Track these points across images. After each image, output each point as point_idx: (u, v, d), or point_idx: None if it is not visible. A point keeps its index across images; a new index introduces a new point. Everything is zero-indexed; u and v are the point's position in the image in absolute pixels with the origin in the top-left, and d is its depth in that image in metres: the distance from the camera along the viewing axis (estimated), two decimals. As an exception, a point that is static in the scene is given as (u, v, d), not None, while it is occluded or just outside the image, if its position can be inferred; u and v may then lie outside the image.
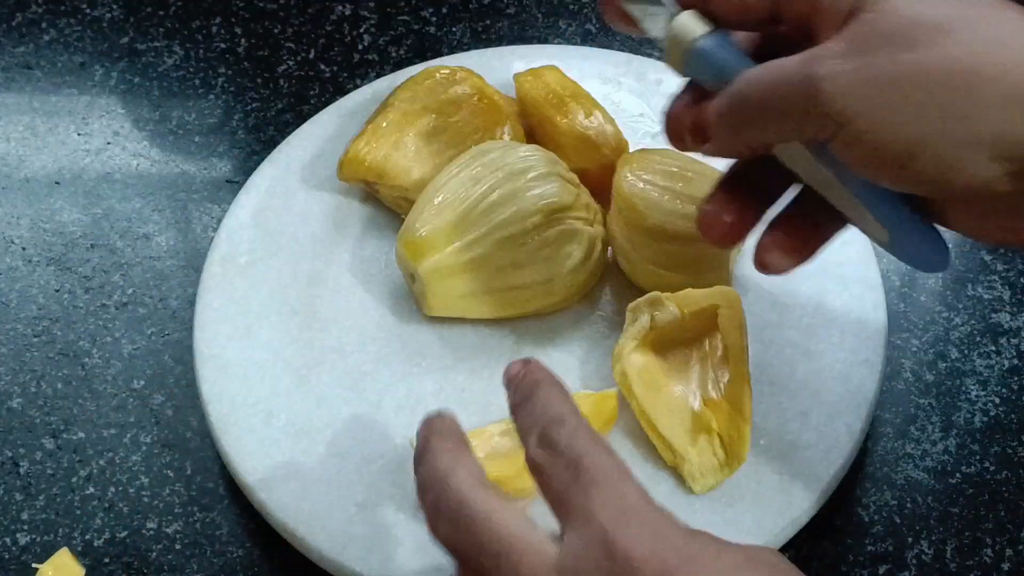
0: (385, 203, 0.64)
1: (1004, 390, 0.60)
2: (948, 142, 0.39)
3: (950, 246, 0.46)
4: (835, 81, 0.40)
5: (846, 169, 0.42)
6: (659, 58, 0.72)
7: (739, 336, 0.55)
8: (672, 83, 0.68)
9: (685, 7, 0.46)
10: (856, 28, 0.41)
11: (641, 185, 0.58)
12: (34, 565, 0.55)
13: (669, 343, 0.56)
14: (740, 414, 0.54)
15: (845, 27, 0.41)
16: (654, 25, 0.47)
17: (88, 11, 0.78)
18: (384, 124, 0.63)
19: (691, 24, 0.45)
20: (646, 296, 0.55)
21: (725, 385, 0.55)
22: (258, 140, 0.71)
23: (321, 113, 0.68)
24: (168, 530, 0.57)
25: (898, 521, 0.56)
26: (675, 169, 0.59)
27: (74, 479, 0.58)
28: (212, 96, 0.73)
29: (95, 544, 0.56)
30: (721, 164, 0.50)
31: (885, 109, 0.39)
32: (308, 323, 0.60)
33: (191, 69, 0.75)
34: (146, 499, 0.58)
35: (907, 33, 0.39)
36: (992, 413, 0.59)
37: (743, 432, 0.53)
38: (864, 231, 0.47)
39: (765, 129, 0.43)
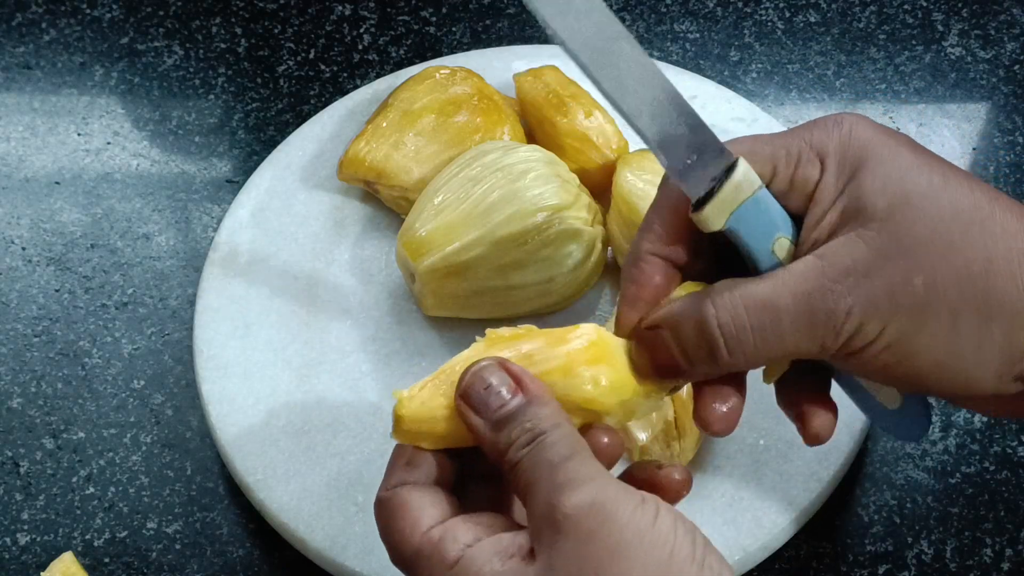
0: (385, 203, 0.64)
1: (1004, 390, 0.60)
2: (963, 363, 0.40)
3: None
4: (854, 311, 0.40)
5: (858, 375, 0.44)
6: (659, 58, 0.72)
7: None
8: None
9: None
10: (859, 245, 0.40)
11: (641, 185, 0.58)
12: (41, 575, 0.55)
13: None
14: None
15: (843, 234, 0.40)
16: (699, 185, 0.43)
17: (88, 11, 0.78)
18: (384, 124, 0.63)
19: (752, 173, 0.42)
20: None
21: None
22: (258, 140, 0.71)
23: (321, 113, 0.68)
24: (168, 530, 0.57)
25: (898, 521, 0.56)
26: (675, 169, 0.59)
27: (74, 479, 0.58)
28: (212, 96, 0.73)
29: (95, 544, 0.56)
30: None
31: (906, 337, 0.40)
32: (308, 323, 0.60)
33: (191, 69, 0.75)
34: (146, 499, 0.58)
35: (913, 252, 0.40)
36: (992, 413, 0.59)
37: (695, 429, 0.53)
38: (859, 404, 0.47)
39: (782, 356, 0.42)
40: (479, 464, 0.41)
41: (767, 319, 0.40)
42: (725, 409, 0.43)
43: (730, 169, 0.42)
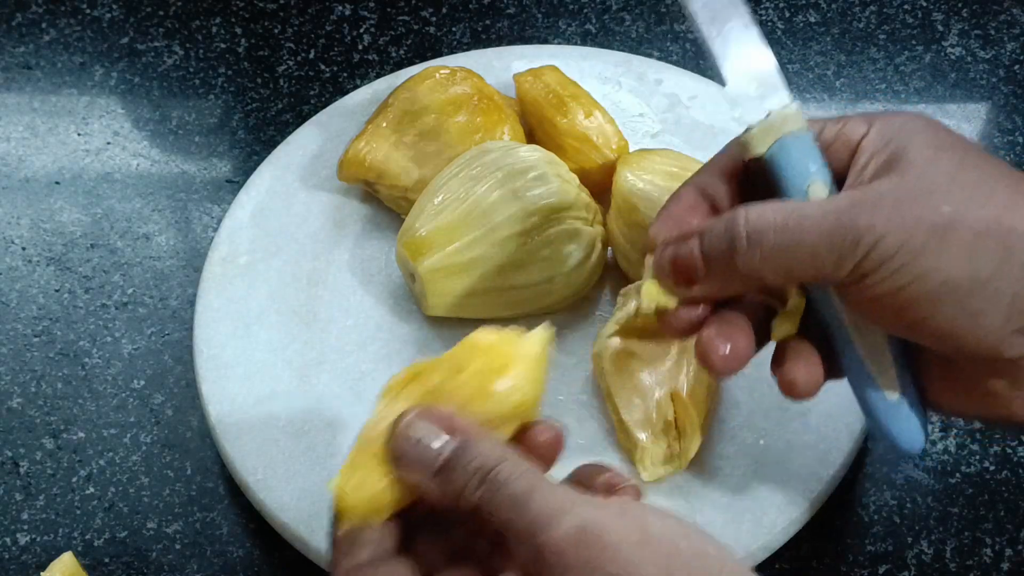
0: (385, 203, 0.64)
1: (1004, 390, 0.60)
2: (973, 294, 0.41)
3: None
4: (876, 226, 0.41)
5: (863, 313, 0.44)
6: (659, 58, 0.72)
7: None
8: (672, 82, 0.69)
9: None
10: (896, 180, 0.42)
11: (641, 185, 0.58)
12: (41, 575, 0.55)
13: (657, 332, 0.56)
14: (696, 411, 0.54)
15: (884, 177, 0.42)
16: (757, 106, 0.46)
17: (88, 11, 0.78)
18: (384, 124, 0.63)
19: (802, 115, 0.45)
20: (637, 283, 0.55)
21: (691, 381, 0.55)
22: (258, 140, 0.71)
23: (321, 113, 0.68)
24: (168, 530, 0.57)
25: (898, 521, 0.56)
26: (675, 169, 0.59)
27: (74, 479, 0.58)
28: (212, 96, 0.73)
29: (95, 544, 0.56)
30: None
31: (922, 254, 0.41)
32: (308, 323, 0.60)
33: (191, 69, 0.75)
34: (146, 499, 0.58)
35: (946, 190, 0.41)
36: (992, 413, 0.59)
37: (695, 426, 0.53)
38: (860, 401, 0.47)
39: (794, 269, 0.43)
40: (422, 521, 0.40)
41: (792, 222, 0.42)
42: (729, 348, 0.44)
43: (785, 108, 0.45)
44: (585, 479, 0.40)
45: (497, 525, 0.37)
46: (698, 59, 0.74)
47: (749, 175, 0.46)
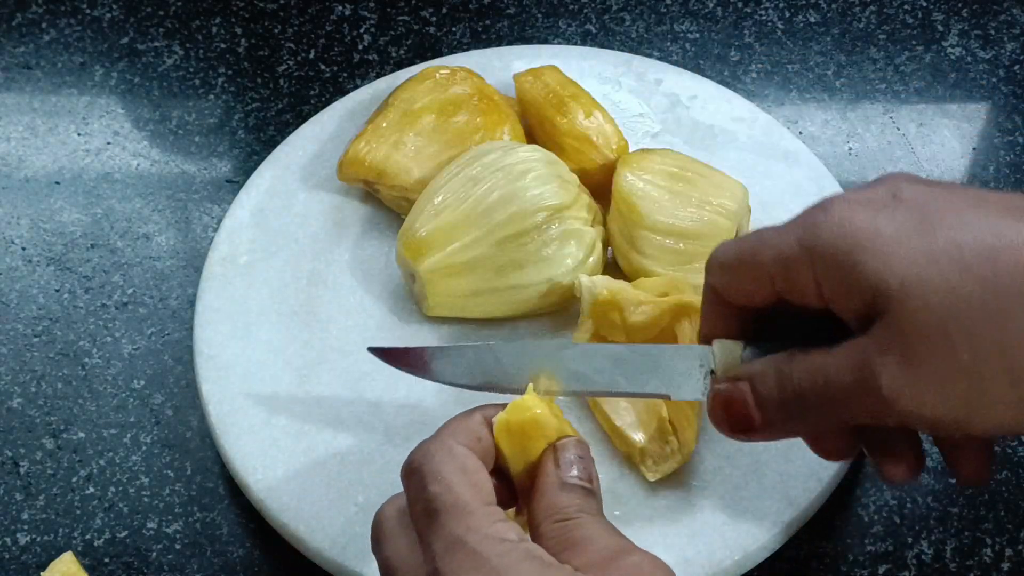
0: (385, 203, 0.64)
1: (1004, 390, 0.60)
2: (993, 423, 0.39)
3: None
4: (893, 380, 0.39)
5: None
6: (659, 58, 0.73)
7: (686, 324, 0.55)
8: (672, 82, 0.69)
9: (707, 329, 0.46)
10: (895, 327, 0.39)
11: (641, 185, 0.58)
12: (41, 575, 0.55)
13: (640, 331, 0.56)
14: (688, 402, 0.54)
15: (880, 322, 0.39)
16: (696, 383, 0.46)
17: (88, 11, 0.78)
18: (384, 124, 0.63)
19: (731, 347, 0.45)
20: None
21: None
22: (258, 140, 0.71)
23: (321, 113, 0.68)
24: (168, 530, 0.57)
25: (898, 521, 0.56)
26: (675, 169, 0.59)
27: (74, 479, 0.58)
28: (212, 96, 0.73)
29: (95, 544, 0.56)
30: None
31: (940, 405, 0.38)
32: (308, 323, 0.60)
33: (191, 69, 0.75)
34: (146, 499, 0.58)
35: (942, 334, 0.38)
36: (992, 413, 0.59)
37: (690, 419, 0.53)
38: None
39: (820, 418, 0.43)
40: None
41: (830, 382, 0.41)
42: (902, 470, 0.44)
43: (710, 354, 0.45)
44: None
45: (578, 539, 0.41)
46: (698, 59, 0.74)
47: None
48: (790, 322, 0.43)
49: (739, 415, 0.43)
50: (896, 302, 0.38)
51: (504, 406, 0.44)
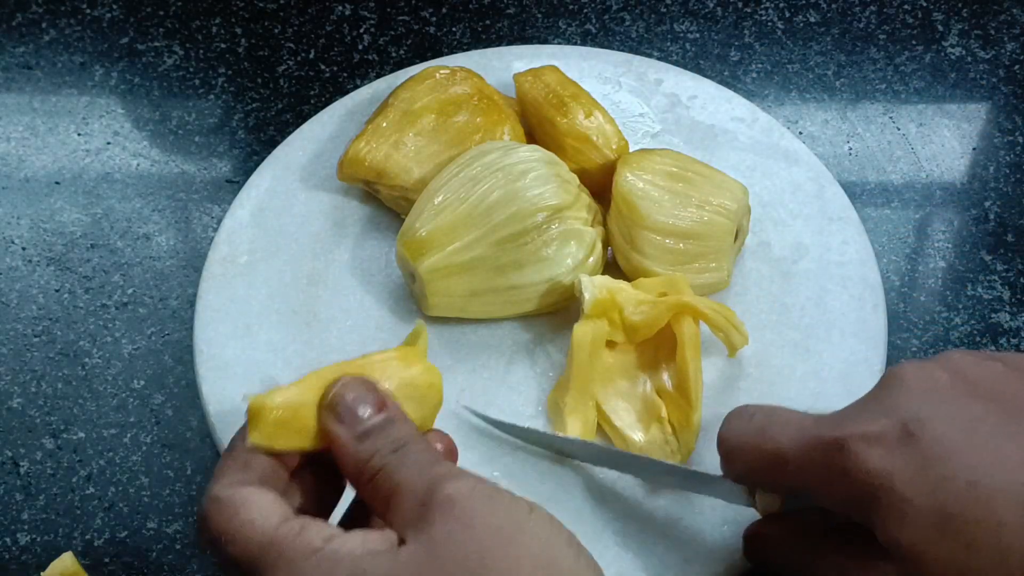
0: (385, 203, 0.64)
1: (1004, 390, 0.60)
2: None
3: (950, 246, 0.46)
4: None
5: None
6: (659, 58, 0.73)
7: (686, 323, 0.55)
8: (672, 82, 0.69)
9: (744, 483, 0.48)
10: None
11: (641, 185, 0.58)
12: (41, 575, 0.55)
13: (639, 330, 0.56)
14: (687, 402, 0.54)
15: (896, 568, 0.40)
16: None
17: (88, 11, 0.78)
18: (384, 124, 0.63)
19: (770, 500, 0.48)
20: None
21: (674, 375, 0.55)
22: (258, 140, 0.71)
23: (321, 113, 0.68)
24: (168, 530, 0.57)
25: (898, 521, 0.56)
26: (675, 169, 0.59)
27: (74, 479, 0.58)
28: (212, 96, 0.73)
29: (95, 544, 0.56)
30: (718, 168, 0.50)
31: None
32: (308, 323, 0.60)
33: (191, 69, 0.75)
34: (146, 499, 0.58)
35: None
36: (992, 413, 0.59)
37: (690, 419, 0.54)
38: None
39: None
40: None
41: None
42: None
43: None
44: None
45: (389, 488, 0.40)
46: (698, 59, 0.74)
47: None
48: None
49: (762, 558, 0.48)
50: (911, 563, 0.39)
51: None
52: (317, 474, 0.44)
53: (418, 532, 0.38)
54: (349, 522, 0.44)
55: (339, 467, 0.42)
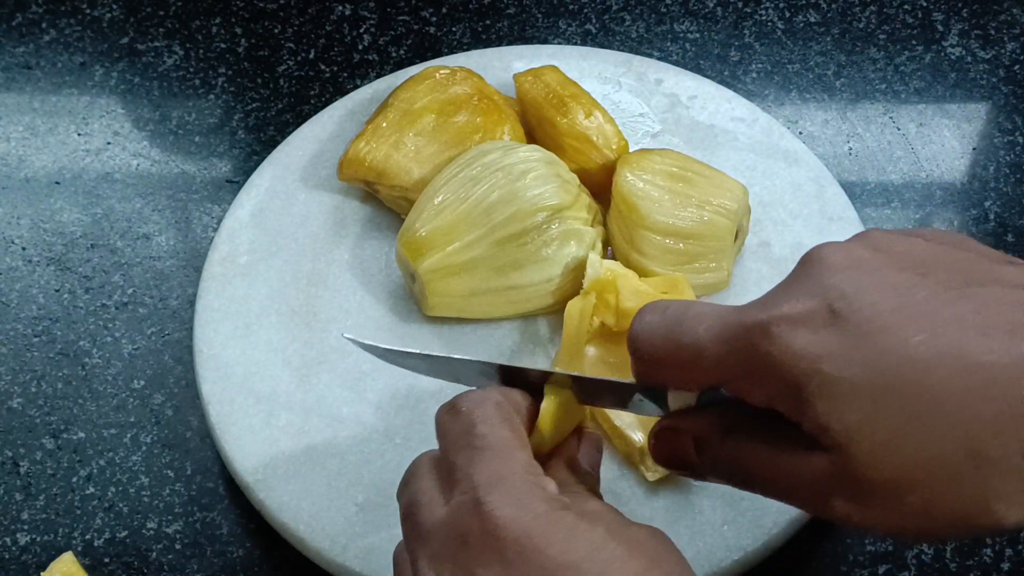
0: (385, 203, 0.64)
1: (1004, 390, 0.60)
2: (947, 539, 0.38)
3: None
4: (845, 509, 0.38)
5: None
6: (659, 58, 0.73)
7: None
8: (672, 82, 0.69)
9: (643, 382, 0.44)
10: (844, 469, 0.37)
11: (641, 185, 0.58)
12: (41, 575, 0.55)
13: (630, 316, 0.56)
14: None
15: (831, 456, 0.38)
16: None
17: (88, 11, 0.78)
18: (384, 124, 0.63)
19: (685, 396, 0.44)
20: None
21: None
22: (258, 140, 0.71)
23: (321, 113, 0.68)
24: (168, 530, 0.57)
25: (898, 521, 0.56)
26: (675, 169, 0.59)
27: (74, 479, 0.58)
28: (212, 96, 0.73)
29: (95, 544, 0.56)
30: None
31: (893, 530, 0.37)
32: (308, 323, 0.60)
33: (191, 69, 0.75)
34: (146, 499, 0.58)
35: (889, 484, 0.37)
36: (992, 413, 0.59)
37: None
38: None
39: (761, 492, 0.43)
40: None
41: (780, 482, 0.41)
42: None
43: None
44: None
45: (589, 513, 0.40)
46: (698, 59, 0.74)
47: None
48: None
49: (678, 458, 0.44)
50: (843, 448, 0.37)
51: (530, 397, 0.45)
52: None
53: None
54: None
55: (552, 464, 0.44)
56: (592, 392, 0.46)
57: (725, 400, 0.42)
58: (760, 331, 0.38)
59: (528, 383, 0.45)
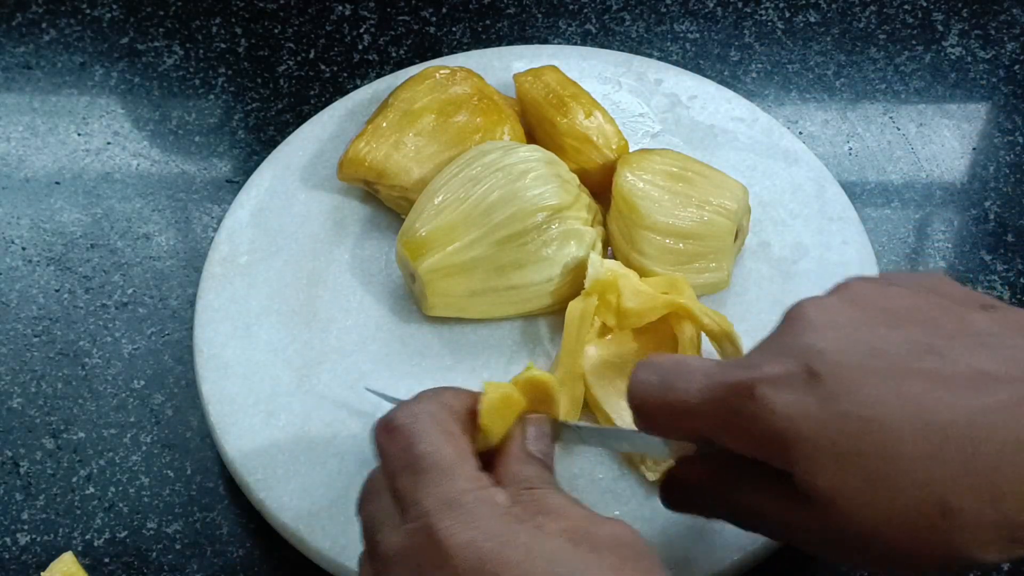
0: (385, 203, 0.64)
1: (1004, 390, 0.60)
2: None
3: (950, 246, 0.46)
4: (828, 554, 0.41)
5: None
6: (659, 58, 0.73)
7: (686, 325, 0.55)
8: (672, 82, 0.69)
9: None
10: (825, 525, 0.40)
11: (641, 185, 0.58)
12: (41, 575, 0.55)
13: (631, 317, 0.56)
14: None
15: (813, 511, 0.40)
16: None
17: (88, 11, 0.78)
18: (384, 124, 0.63)
19: (684, 446, 0.46)
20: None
21: None
22: (258, 140, 0.71)
23: (321, 113, 0.68)
24: (168, 530, 0.57)
25: (898, 521, 0.56)
26: (675, 169, 0.59)
27: (74, 479, 0.58)
28: (212, 96, 0.73)
29: (95, 544, 0.56)
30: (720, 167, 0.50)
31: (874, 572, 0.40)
32: (308, 323, 0.60)
33: (191, 69, 0.75)
34: (146, 499, 0.58)
35: (866, 542, 0.39)
36: (992, 413, 0.59)
37: None
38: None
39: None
40: None
41: (769, 524, 0.44)
42: None
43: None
44: None
45: (548, 508, 0.40)
46: (698, 59, 0.74)
47: None
48: None
49: (685, 504, 0.47)
50: (825, 505, 0.39)
51: (467, 391, 0.45)
52: None
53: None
54: None
55: (498, 463, 0.44)
56: (600, 437, 0.49)
57: (723, 448, 0.44)
58: (744, 391, 0.40)
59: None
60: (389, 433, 0.42)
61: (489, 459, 0.44)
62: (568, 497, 0.42)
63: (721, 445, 0.42)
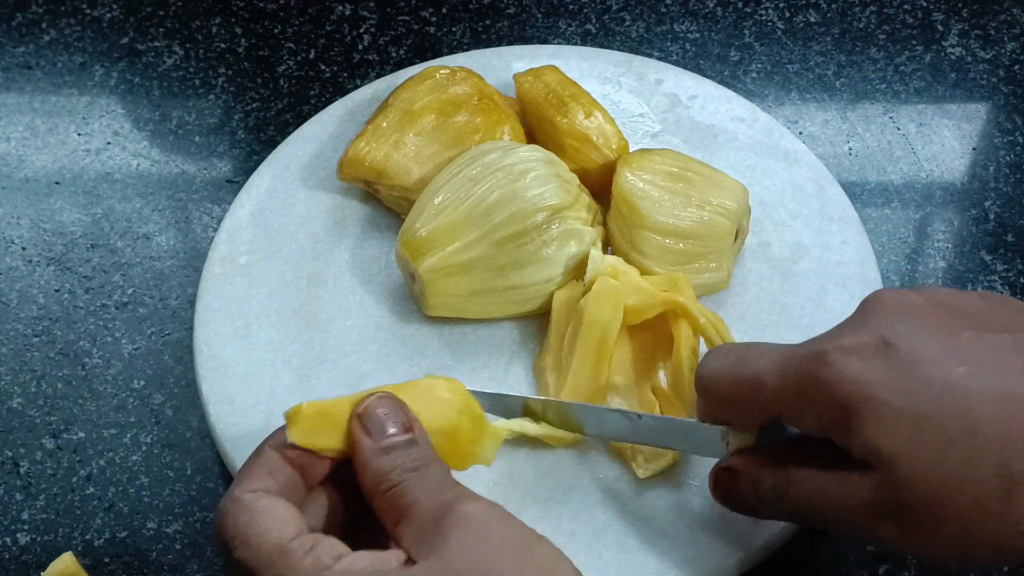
0: (385, 203, 0.64)
1: (1004, 390, 0.60)
2: (983, 568, 0.42)
3: (950, 246, 0.47)
4: (889, 533, 0.41)
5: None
6: (659, 58, 0.73)
7: (684, 324, 0.55)
8: (672, 82, 0.69)
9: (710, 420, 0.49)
10: (889, 491, 0.41)
11: (641, 185, 0.58)
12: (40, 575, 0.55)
13: (629, 313, 0.56)
14: (682, 402, 0.54)
15: (877, 479, 0.41)
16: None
17: (88, 11, 0.78)
18: (384, 124, 0.63)
19: (743, 436, 0.48)
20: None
21: (670, 374, 0.55)
22: (258, 140, 0.71)
23: (321, 113, 0.68)
24: (168, 530, 0.57)
25: (898, 521, 0.56)
26: (675, 169, 0.59)
27: (74, 479, 0.58)
28: (212, 96, 0.73)
29: (95, 544, 0.56)
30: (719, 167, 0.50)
31: (933, 556, 0.41)
32: (308, 323, 0.60)
33: (191, 69, 0.75)
34: (146, 499, 0.58)
35: (930, 508, 0.40)
36: (992, 413, 0.59)
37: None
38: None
39: (814, 523, 0.46)
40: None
41: (828, 510, 0.44)
42: None
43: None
44: None
45: (405, 504, 0.41)
46: (698, 59, 0.74)
47: None
48: None
49: (735, 495, 0.48)
50: (888, 468, 0.40)
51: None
52: (337, 493, 0.44)
53: (431, 549, 0.39)
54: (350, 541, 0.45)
55: (358, 477, 0.43)
56: (656, 431, 0.50)
57: (779, 442, 0.46)
58: (816, 359, 0.42)
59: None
60: (218, 544, 0.42)
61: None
62: (431, 480, 0.42)
63: (783, 430, 0.44)
